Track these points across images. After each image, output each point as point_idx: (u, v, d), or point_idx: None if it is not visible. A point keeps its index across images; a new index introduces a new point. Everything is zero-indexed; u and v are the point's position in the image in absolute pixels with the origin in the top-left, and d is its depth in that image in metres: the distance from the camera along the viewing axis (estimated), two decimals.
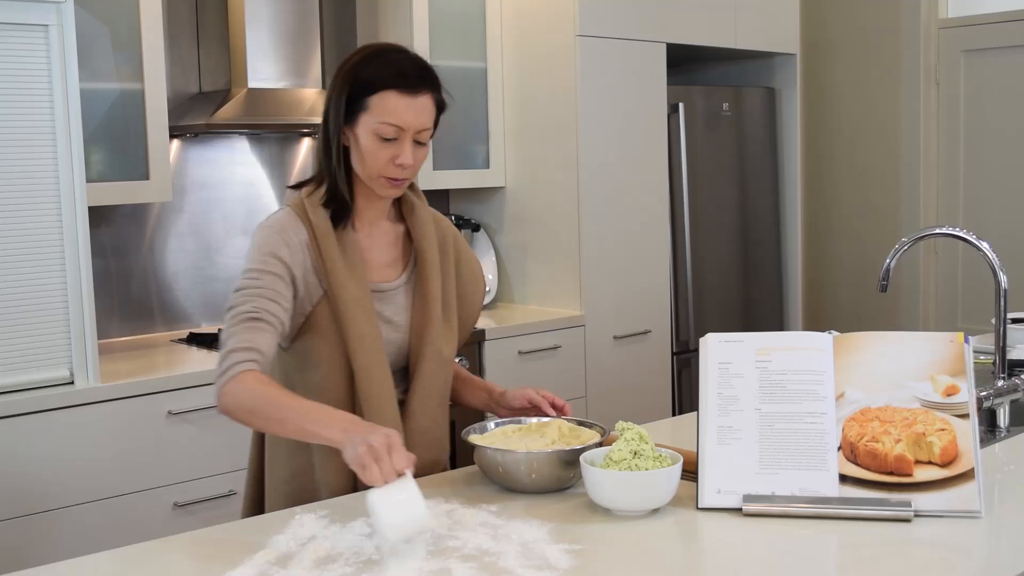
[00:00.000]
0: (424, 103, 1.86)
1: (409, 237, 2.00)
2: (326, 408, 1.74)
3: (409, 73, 1.85)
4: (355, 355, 1.85)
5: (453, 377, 2.06)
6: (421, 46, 3.65)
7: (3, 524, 2.63)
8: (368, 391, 1.87)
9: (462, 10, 3.85)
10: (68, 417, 2.72)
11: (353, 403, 1.88)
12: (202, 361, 3.10)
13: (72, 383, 2.74)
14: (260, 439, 2.02)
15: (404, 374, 1.96)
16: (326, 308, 1.87)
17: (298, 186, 1.96)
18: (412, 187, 2.02)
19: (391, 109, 1.83)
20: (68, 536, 2.71)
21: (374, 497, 1.53)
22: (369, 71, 1.85)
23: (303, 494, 1.90)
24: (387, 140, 1.84)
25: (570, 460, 1.79)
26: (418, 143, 1.87)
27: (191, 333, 3.47)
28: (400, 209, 2.01)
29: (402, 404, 1.93)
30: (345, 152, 1.90)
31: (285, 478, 1.94)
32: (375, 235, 1.96)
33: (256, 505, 2.01)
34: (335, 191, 1.89)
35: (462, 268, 2.05)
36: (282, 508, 1.86)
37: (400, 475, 1.55)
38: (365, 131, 1.84)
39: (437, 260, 1.97)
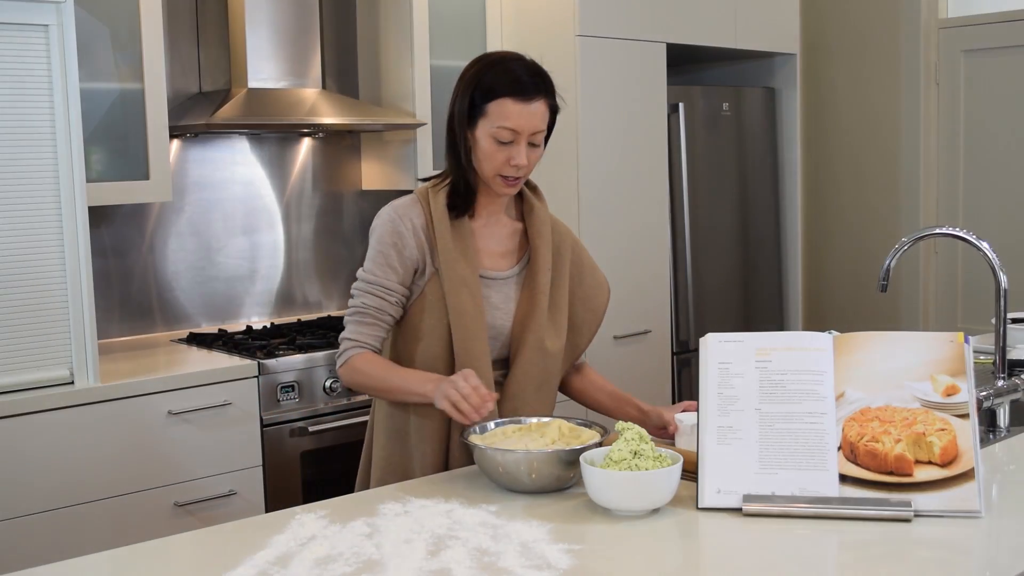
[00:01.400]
0: (538, 108, 2.02)
1: (527, 236, 2.17)
2: (420, 372, 2.03)
3: (524, 81, 2.02)
4: (456, 328, 2.03)
5: (606, 395, 2.29)
6: (421, 46, 3.65)
7: (3, 524, 2.63)
8: (465, 364, 2.02)
9: (462, 10, 3.85)
10: (68, 417, 2.72)
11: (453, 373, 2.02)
12: (202, 361, 3.10)
13: (72, 383, 2.74)
14: (371, 420, 2.22)
15: (507, 361, 2.12)
16: (436, 285, 2.05)
17: (428, 179, 2.15)
18: (536, 191, 2.21)
19: (507, 115, 2.00)
20: (68, 536, 2.71)
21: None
22: (488, 79, 2.02)
23: (398, 470, 2.09)
24: (503, 143, 2.01)
25: (570, 460, 1.79)
26: (532, 145, 2.05)
27: (191, 333, 3.47)
28: (522, 209, 2.19)
29: (501, 386, 2.09)
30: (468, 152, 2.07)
31: (385, 455, 2.13)
32: (492, 226, 2.15)
33: (365, 483, 2.19)
34: (459, 186, 2.08)
35: (585, 274, 2.22)
36: (380, 484, 2.06)
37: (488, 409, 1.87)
38: (484, 135, 2.02)
39: (549, 258, 2.14)
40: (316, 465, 3.15)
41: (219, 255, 3.65)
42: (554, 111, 2.08)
